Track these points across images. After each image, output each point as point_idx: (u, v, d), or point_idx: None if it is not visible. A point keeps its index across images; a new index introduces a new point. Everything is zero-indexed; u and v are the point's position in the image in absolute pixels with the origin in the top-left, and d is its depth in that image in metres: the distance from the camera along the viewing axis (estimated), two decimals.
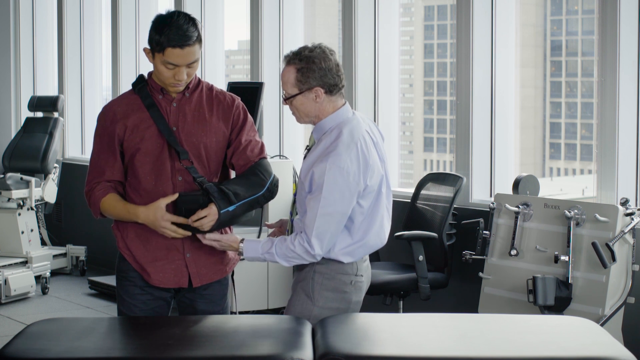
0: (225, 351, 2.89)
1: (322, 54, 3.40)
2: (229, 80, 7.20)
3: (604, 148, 4.96)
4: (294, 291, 3.51)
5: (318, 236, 3.33)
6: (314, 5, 8.01)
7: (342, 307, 3.45)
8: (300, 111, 3.44)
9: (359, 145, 3.37)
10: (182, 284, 3.45)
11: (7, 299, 7.04)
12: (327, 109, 3.43)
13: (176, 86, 3.38)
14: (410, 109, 11.52)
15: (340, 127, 3.41)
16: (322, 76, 3.38)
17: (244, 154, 3.45)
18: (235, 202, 3.34)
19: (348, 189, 3.33)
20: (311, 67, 3.38)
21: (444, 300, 5.56)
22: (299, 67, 3.38)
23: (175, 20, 3.30)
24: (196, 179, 3.35)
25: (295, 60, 3.40)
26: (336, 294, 3.45)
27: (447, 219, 5.23)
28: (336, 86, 3.42)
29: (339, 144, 3.34)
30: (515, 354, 2.87)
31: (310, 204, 3.34)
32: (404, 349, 2.90)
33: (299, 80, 3.39)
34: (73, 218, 8.68)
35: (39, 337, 3.01)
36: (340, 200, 3.32)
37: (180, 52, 3.29)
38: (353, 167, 3.34)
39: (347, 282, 3.45)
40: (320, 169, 3.32)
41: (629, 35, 4.92)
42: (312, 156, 3.42)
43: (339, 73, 3.43)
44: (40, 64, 9.41)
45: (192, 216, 3.31)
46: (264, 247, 3.40)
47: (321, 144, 3.41)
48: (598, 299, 4.54)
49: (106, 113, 3.46)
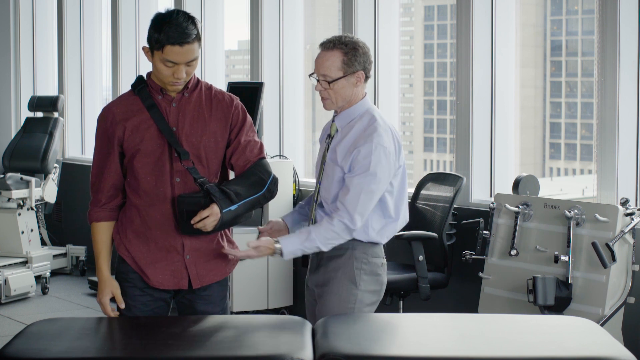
0: (225, 351, 2.89)
1: (361, 41, 3.57)
2: (229, 80, 7.19)
3: (604, 148, 4.96)
4: (332, 279, 3.59)
5: (360, 212, 3.47)
6: (314, 5, 8.01)
7: (378, 289, 3.64)
8: (338, 95, 3.55)
9: (391, 128, 3.57)
10: (182, 286, 3.45)
11: (7, 299, 7.04)
12: (359, 96, 3.59)
13: (175, 85, 3.38)
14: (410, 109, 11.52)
15: (370, 112, 3.58)
16: (364, 61, 3.54)
17: (243, 154, 3.45)
18: (237, 201, 3.34)
19: (389, 168, 3.51)
20: (357, 52, 3.53)
21: (444, 300, 5.56)
22: (345, 51, 3.53)
23: (175, 19, 3.30)
24: (197, 180, 3.35)
25: (341, 45, 3.53)
26: (373, 277, 3.62)
27: (447, 219, 5.22)
28: (370, 73, 3.59)
29: (378, 127, 3.51)
30: (515, 354, 2.87)
31: (354, 181, 3.47)
32: (404, 349, 2.90)
33: (345, 63, 3.52)
34: (73, 218, 8.68)
35: (39, 337, 3.01)
36: (385, 179, 3.50)
37: (179, 50, 3.29)
38: (392, 147, 3.52)
39: (379, 264, 3.64)
40: (367, 149, 3.46)
41: (629, 35, 4.92)
42: (347, 140, 3.54)
43: (372, 61, 3.60)
44: (40, 64, 9.41)
45: (194, 217, 3.31)
46: (301, 238, 3.48)
47: (354, 129, 3.55)
48: (598, 299, 4.54)
49: (106, 115, 3.45)
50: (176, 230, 3.41)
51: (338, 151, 3.55)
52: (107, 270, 3.48)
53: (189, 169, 3.37)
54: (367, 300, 3.61)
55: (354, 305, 3.57)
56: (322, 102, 3.61)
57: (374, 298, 3.64)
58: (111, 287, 3.46)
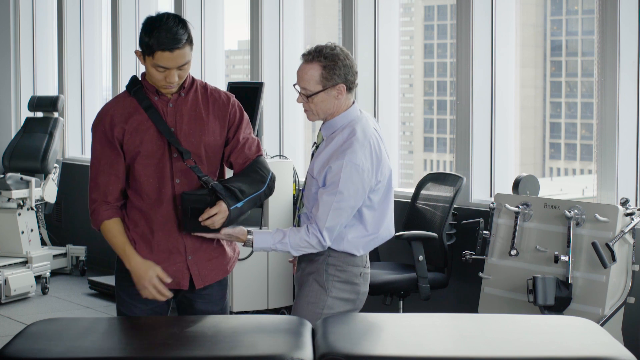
0: (225, 351, 2.89)
1: (343, 53, 3.49)
2: (229, 80, 7.19)
3: (604, 148, 4.96)
4: (305, 282, 3.59)
5: (329, 229, 3.45)
6: (314, 5, 8.01)
7: (352, 298, 3.59)
8: (319, 108, 3.51)
9: (371, 142, 3.49)
10: (183, 286, 3.45)
11: (7, 299, 7.04)
12: (342, 106, 3.52)
13: (168, 88, 3.37)
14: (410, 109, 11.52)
15: (352, 125, 3.51)
16: (345, 74, 3.47)
17: (242, 152, 3.45)
18: (242, 198, 3.34)
19: (362, 185, 3.45)
20: (337, 64, 3.46)
21: (444, 300, 5.56)
22: (324, 65, 3.46)
23: (165, 23, 3.27)
24: (201, 178, 3.35)
25: (320, 58, 3.46)
26: (347, 285, 3.57)
27: (447, 219, 5.22)
28: (354, 84, 3.52)
29: (354, 142, 3.45)
30: (515, 354, 2.87)
31: (323, 197, 3.44)
32: (404, 349, 2.90)
33: (324, 77, 3.46)
34: (73, 218, 8.68)
35: (39, 337, 3.01)
36: (354, 196, 3.44)
37: (170, 56, 3.27)
38: (367, 164, 3.45)
39: (357, 273, 3.58)
40: (337, 166, 3.42)
41: (629, 35, 4.92)
42: (325, 153, 3.50)
43: (356, 71, 3.52)
44: (40, 64, 9.41)
45: (202, 215, 3.30)
46: (275, 238, 3.48)
47: (333, 141, 3.50)
48: (598, 299, 4.54)
49: (103, 117, 3.42)
50: (179, 231, 3.40)
51: (315, 164, 3.53)
52: (138, 255, 3.38)
53: (192, 168, 3.36)
54: (338, 307, 3.55)
55: (322, 311, 3.53)
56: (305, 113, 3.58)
57: (347, 306, 3.58)
58: (151, 266, 3.35)
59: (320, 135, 3.60)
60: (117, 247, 3.41)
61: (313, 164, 3.55)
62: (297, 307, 3.59)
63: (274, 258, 6.24)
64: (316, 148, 3.60)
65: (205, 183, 3.33)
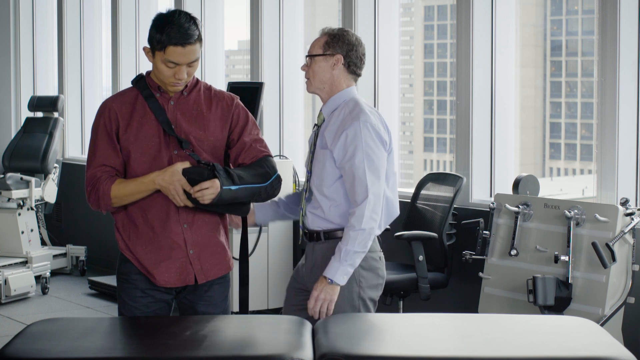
0: (225, 351, 2.89)
1: (354, 35, 3.68)
2: (229, 80, 7.20)
3: (604, 148, 4.96)
4: None
5: (376, 194, 3.51)
6: (314, 5, 8.01)
7: (380, 283, 3.70)
8: (316, 75, 3.64)
9: (380, 115, 3.67)
10: (189, 282, 3.44)
11: (7, 299, 7.04)
12: (341, 84, 3.65)
13: (176, 85, 3.38)
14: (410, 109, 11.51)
15: (354, 100, 3.65)
16: (348, 50, 3.63)
17: (250, 153, 3.45)
18: (239, 183, 3.33)
19: (381, 142, 3.56)
20: (341, 38, 3.64)
21: (444, 300, 5.56)
22: (331, 35, 3.65)
23: (177, 19, 3.30)
24: (201, 162, 3.35)
25: (328, 32, 3.67)
26: (371, 272, 3.65)
27: (447, 219, 5.23)
28: (356, 67, 3.67)
29: (363, 109, 3.59)
30: (515, 354, 2.87)
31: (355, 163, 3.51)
32: (404, 349, 2.90)
33: (326, 43, 3.64)
34: (73, 218, 8.68)
35: (39, 337, 3.01)
36: (379, 155, 3.54)
37: (181, 51, 3.29)
38: (380, 125, 3.59)
39: (376, 258, 3.67)
40: (354, 129, 3.53)
41: (629, 35, 4.92)
42: (333, 124, 3.61)
43: (362, 59, 3.68)
44: (40, 64, 9.41)
45: (195, 187, 3.30)
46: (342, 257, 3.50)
47: (340, 114, 3.61)
48: (598, 299, 4.54)
49: (103, 109, 3.44)
50: (177, 224, 3.40)
51: (326, 135, 3.61)
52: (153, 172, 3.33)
53: (191, 155, 3.36)
54: (370, 295, 3.65)
55: (358, 303, 3.61)
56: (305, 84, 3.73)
57: (377, 292, 3.68)
58: (171, 170, 3.30)
59: (321, 115, 3.69)
60: (135, 188, 3.35)
61: (323, 138, 3.62)
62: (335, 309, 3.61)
63: (274, 258, 6.25)
64: (317, 128, 3.68)
65: (206, 164, 3.33)
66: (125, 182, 3.38)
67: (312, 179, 3.67)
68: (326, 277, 3.51)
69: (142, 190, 3.36)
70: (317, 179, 3.63)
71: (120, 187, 3.37)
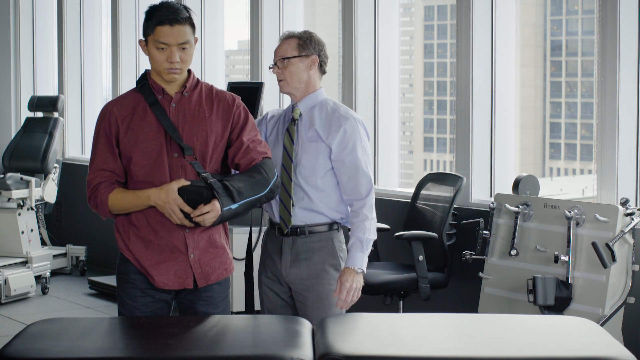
0: (225, 351, 2.89)
1: (318, 37, 3.81)
2: (229, 80, 7.19)
3: (604, 148, 4.96)
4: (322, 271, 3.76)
5: (371, 181, 3.75)
6: (314, 5, 8.01)
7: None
8: (293, 75, 3.76)
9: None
10: (187, 285, 3.44)
11: (7, 299, 7.04)
12: (315, 84, 3.80)
13: (171, 72, 3.36)
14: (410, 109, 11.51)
15: (331, 99, 3.83)
16: (319, 50, 3.79)
17: (248, 154, 3.44)
18: (239, 200, 3.33)
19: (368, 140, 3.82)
20: (312, 39, 3.78)
21: (444, 300, 5.56)
22: (300, 38, 3.76)
23: (166, 3, 3.37)
24: (201, 174, 3.34)
25: (296, 35, 3.78)
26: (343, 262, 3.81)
27: (447, 219, 5.22)
28: (325, 65, 3.83)
29: (348, 109, 3.79)
30: (515, 354, 2.87)
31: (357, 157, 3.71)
32: (404, 349, 2.90)
33: (300, 45, 3.75)
34: (73, 218, 8.68)
35: (39, 337, 3.01)
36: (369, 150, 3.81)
37: (169, 30, 3.31)
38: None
39: (344, 248, 3.84)
40: (351, 125, 3.73)
41: (629, 35, 4.92)
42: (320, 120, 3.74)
43: (327, 55, 3.84)
44: (40, 64, 9.41)
45: (195, 211, 3.29)
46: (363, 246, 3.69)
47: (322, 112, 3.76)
48: (598, 299, 4.54)
49: (104, 113, 3.45)
50: (179, 228, 3.40)
51: (318, 129, 3.73)
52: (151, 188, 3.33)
53: (193, 164, 3.36)
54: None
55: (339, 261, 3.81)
56: (278, 85, 3.81)
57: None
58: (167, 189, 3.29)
59: (297, 110, 3.80)
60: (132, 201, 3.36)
61: (314, 132, 3.74)
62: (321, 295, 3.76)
63: None
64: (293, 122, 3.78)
65: (205, 179, 3.33)
66: (123, 193, 3.39)
67: (297, 170, 3.74)
68: (353, 267, 3.66)
69: (138, 205, 3.38)
70: (307, 171, 3.73)
71: (118, 198, 3.38)
